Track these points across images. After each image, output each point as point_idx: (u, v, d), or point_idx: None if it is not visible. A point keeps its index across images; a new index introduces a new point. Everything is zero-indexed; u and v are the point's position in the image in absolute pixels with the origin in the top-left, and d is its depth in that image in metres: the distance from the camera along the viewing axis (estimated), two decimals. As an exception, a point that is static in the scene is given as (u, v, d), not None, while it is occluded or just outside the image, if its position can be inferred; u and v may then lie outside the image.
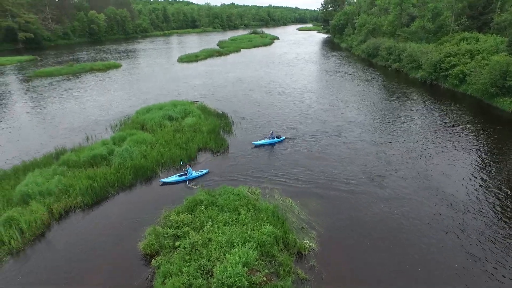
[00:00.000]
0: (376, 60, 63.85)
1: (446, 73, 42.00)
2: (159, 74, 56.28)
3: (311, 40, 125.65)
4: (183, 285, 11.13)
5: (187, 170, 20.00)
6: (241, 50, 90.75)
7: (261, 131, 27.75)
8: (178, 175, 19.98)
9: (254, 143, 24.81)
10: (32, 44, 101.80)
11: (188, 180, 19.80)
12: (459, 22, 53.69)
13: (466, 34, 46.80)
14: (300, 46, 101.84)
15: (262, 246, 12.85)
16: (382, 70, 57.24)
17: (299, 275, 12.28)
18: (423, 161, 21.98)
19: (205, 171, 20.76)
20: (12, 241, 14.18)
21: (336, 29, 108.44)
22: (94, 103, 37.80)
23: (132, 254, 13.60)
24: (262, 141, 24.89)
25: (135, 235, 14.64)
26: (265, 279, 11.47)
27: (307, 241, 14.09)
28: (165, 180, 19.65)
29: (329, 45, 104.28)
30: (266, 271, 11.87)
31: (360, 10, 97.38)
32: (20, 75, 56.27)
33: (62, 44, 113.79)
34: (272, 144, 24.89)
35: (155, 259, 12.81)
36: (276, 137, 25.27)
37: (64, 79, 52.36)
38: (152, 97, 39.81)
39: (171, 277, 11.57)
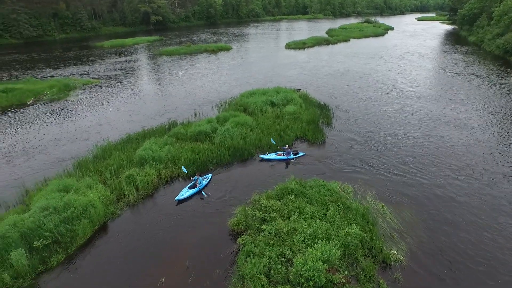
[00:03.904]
0: (513, 59, 53.57)
1: None
2: (266, 59, 57.96)
3: (432, 32, 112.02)
4: (263, 267, 11.63)
5: (196, 179, 17.86)
6: (351, 39, 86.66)
7: (364, 132, 25.31)
8: (188, 187, 17.71)
9: (261, 156, 21.56)
10: (160, 26, 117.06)
11: (201, 190, 17.74)
12: None
13: None
14: (417, 38, 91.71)
15: (346, 246, 12.51)
16: (520, 71, 47.94)
17: (381, 285, 11.59)
18: None
19: (209, 175, 19.12)
20: (131, 195, 16.83)
21: (465, 20, 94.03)
22: (204, 82, 41.26)
23: (221, 228, 14.71)
24: (273, 156, 21.49)
25: (226, 212, 15.75)
26: (344, 281, 11.19)
27: (395, 252, 13.14)
28: (179, 197, 17.04)
29: (453, 39, 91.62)
30: (346, 272, 11.58)
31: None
32: (149, 53, 65.04)
33: (183, 26, 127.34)
34: (285, 160, 21.23)
35: (241, 237, 13.60)
36: (293, 153, 21.44)
37: (182, 58, 58.45)
38: (256, 81, 41.44)
39: (254, 257, 12.17)
